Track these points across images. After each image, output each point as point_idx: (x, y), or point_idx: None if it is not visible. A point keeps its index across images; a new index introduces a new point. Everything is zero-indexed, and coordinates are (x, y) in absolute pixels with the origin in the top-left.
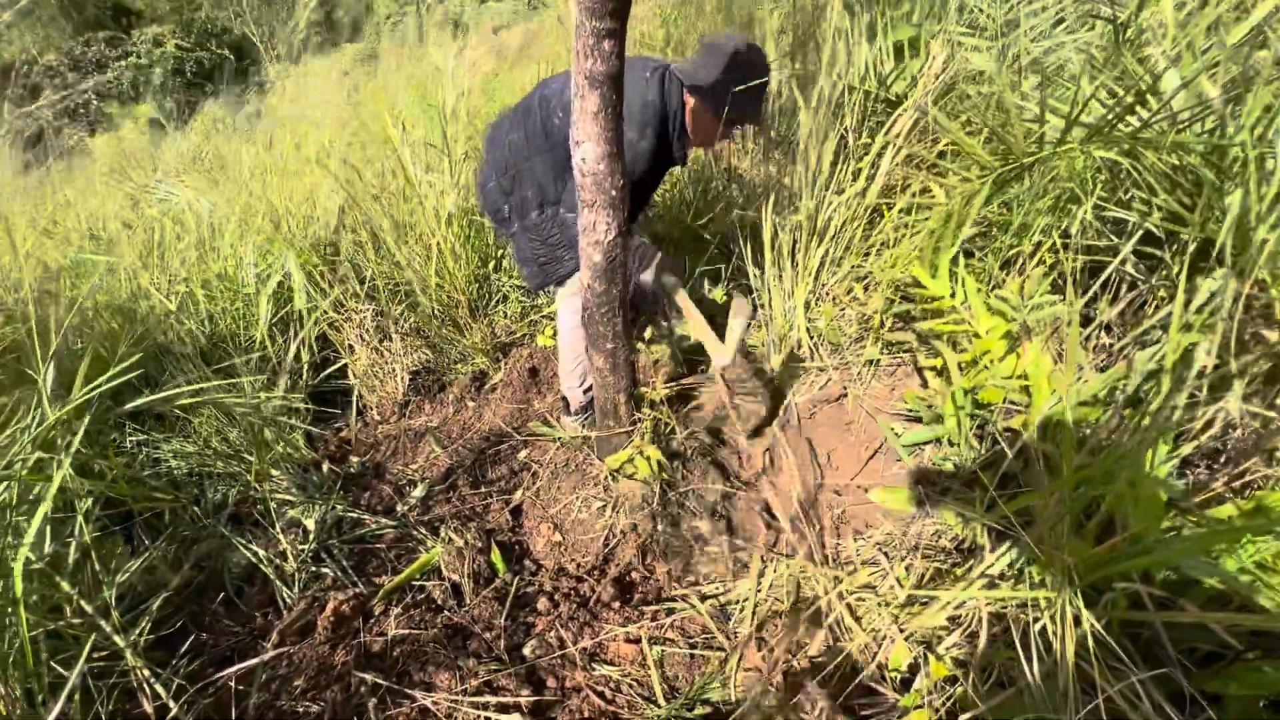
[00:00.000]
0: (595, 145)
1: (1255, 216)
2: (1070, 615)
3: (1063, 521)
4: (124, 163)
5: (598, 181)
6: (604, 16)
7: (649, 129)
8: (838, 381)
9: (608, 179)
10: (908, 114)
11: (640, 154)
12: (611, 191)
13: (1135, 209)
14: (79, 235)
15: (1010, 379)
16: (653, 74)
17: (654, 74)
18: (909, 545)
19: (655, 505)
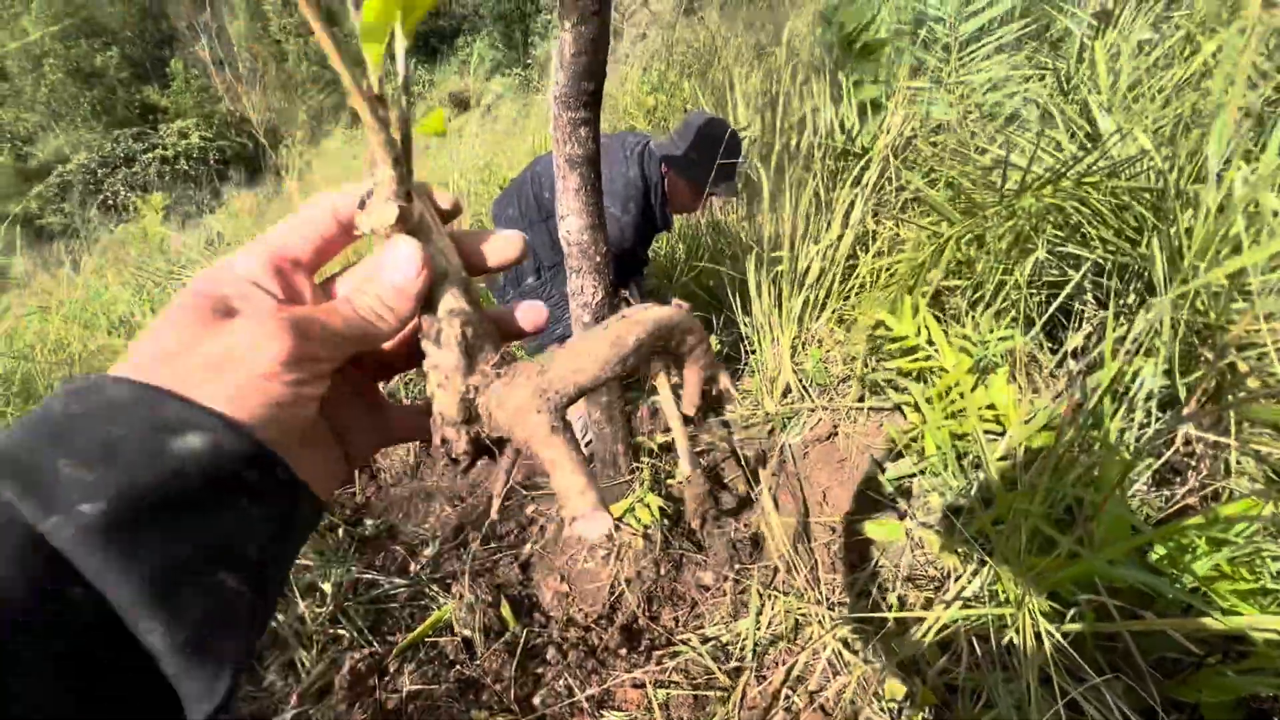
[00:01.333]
0: (578, 218)
1: (1187, 249)
2: (1030, 629)
3: (1016, 538)
4: (150, 250)
5: (583, 250)
6: (578, 108)
7: (632, 203)
8: (828, 421)
9: (591, 247)
10: (874, 166)
11: (626, 226)
12: (596, 258)
13: (1090, 243)
14: (108, 324)
15: (981, 410)
16: (631, 152)
17: (633, 152)
18: (901, 576)
19: (658, 552)
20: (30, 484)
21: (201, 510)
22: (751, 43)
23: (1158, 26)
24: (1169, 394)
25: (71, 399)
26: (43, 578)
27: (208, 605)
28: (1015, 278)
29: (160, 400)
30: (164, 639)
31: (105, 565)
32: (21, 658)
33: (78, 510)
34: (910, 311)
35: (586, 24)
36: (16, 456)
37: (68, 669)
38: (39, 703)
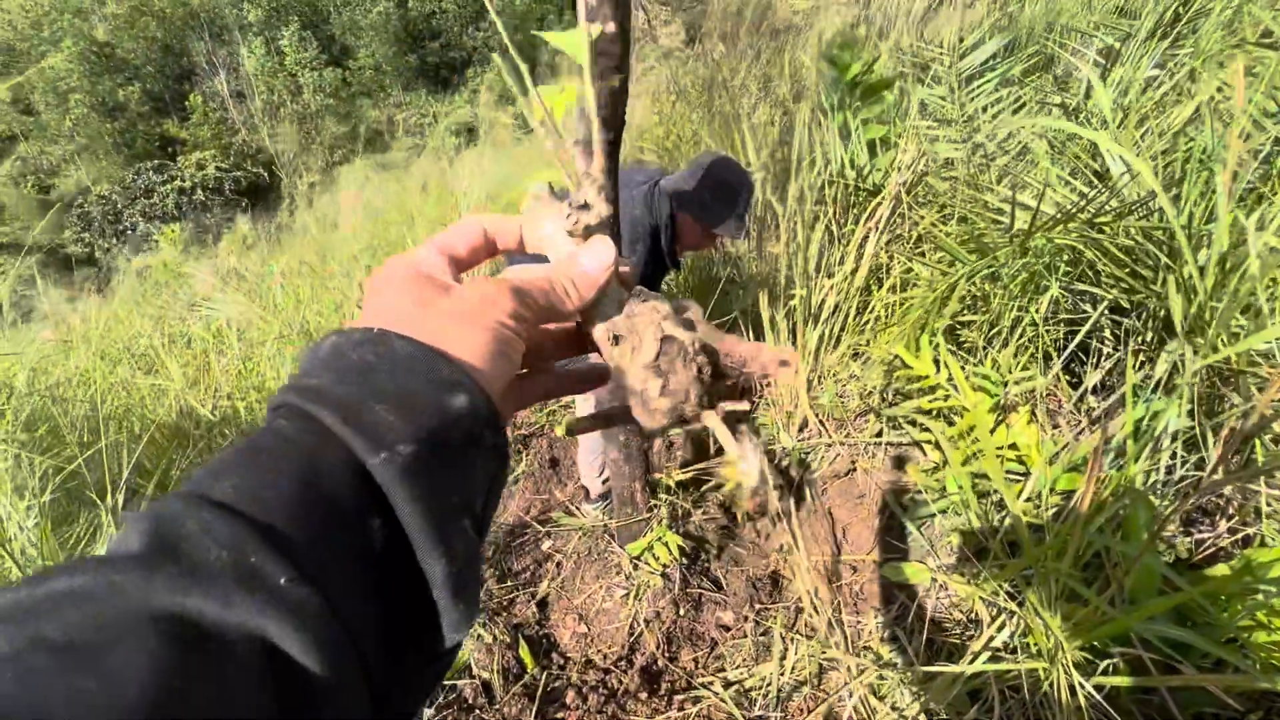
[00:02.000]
0: None
1: (1201, 291)
2: (1064, 683)
3: (1045, 590)
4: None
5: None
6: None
7: (639, 244)
8: (846, 456)
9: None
10: (885, 203)
11: (633, 267)
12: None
13: (1103, 284)
14: (128, 356)
15: (1003, 449)
16: (638, 190)
17: (639, 191)
18: (927, 619)
19: (677, 591)
20: (356, 423)
21: (459, 462)
22: (757, 74)
23: (1162, 64)
24: (1194, 432)
25: (363, 347)
26: (363, 505)
27: (466, 548)
28: (1031, 314)
29: (436, 359)
30: (443, 570)
31: (410, 501)
32: (341, 574)
33: (396, 450)
34: (929, 349)
35: (606, 79)
36: (334, 395)
37: (369, 589)
38: (351, 602)
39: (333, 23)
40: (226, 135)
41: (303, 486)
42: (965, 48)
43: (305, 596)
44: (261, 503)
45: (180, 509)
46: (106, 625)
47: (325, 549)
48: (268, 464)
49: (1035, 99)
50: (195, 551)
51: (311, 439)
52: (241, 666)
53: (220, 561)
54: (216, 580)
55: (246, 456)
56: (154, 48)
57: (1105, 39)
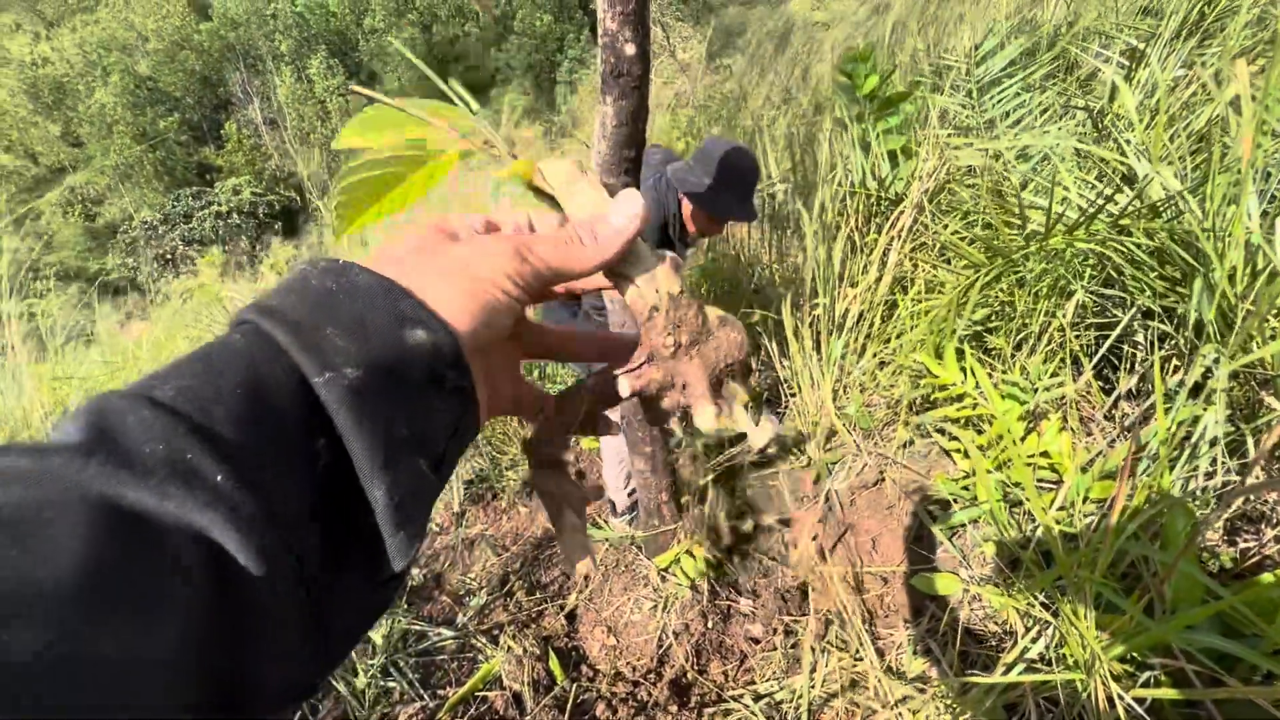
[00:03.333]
0: None
1: (1232, 295)
2: (1103, 695)
3: (1081, 600)
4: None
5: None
6: (619, 174)
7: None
8: (874, 466)
9: None
10: (908, 212)
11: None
12: None
13: (1130, 288)
14: None
15: (1034, 457)
16: (645, 183)
17: (646, 183)
18: (960, 630)
19: (705, 603)
20: (307, 343)
21: (414, 398)
22: (779, 86)
23: (1190, 63)
24: (1237, 438)
25: (326, 276)
26: (305, 421)
27: (413, 480)
28: (1059, 319)
29: (399, 295)
30: (385, 497)
31: (354, 423)
32: (279, 484)
33: (343, 372)
34: (954, 357)
35: (628, 98)
36: (290, 316)
37: (307, 504)
38: (290, 512)
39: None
40: (260, 161)
41: (247, 396)
42: (981, 55)
43: (242, 499)
44: (202, 407)
45: (121, 404)
46: (42, 504)
47: (266, 458)
48: (215, 371)
49: (1059, 103)
50: (132, 445)
51: (261, 353)
52: (176, 556)
53: (155, 455)
54: (152, 473)
55: (194, 363)
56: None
57: (1129, 39)
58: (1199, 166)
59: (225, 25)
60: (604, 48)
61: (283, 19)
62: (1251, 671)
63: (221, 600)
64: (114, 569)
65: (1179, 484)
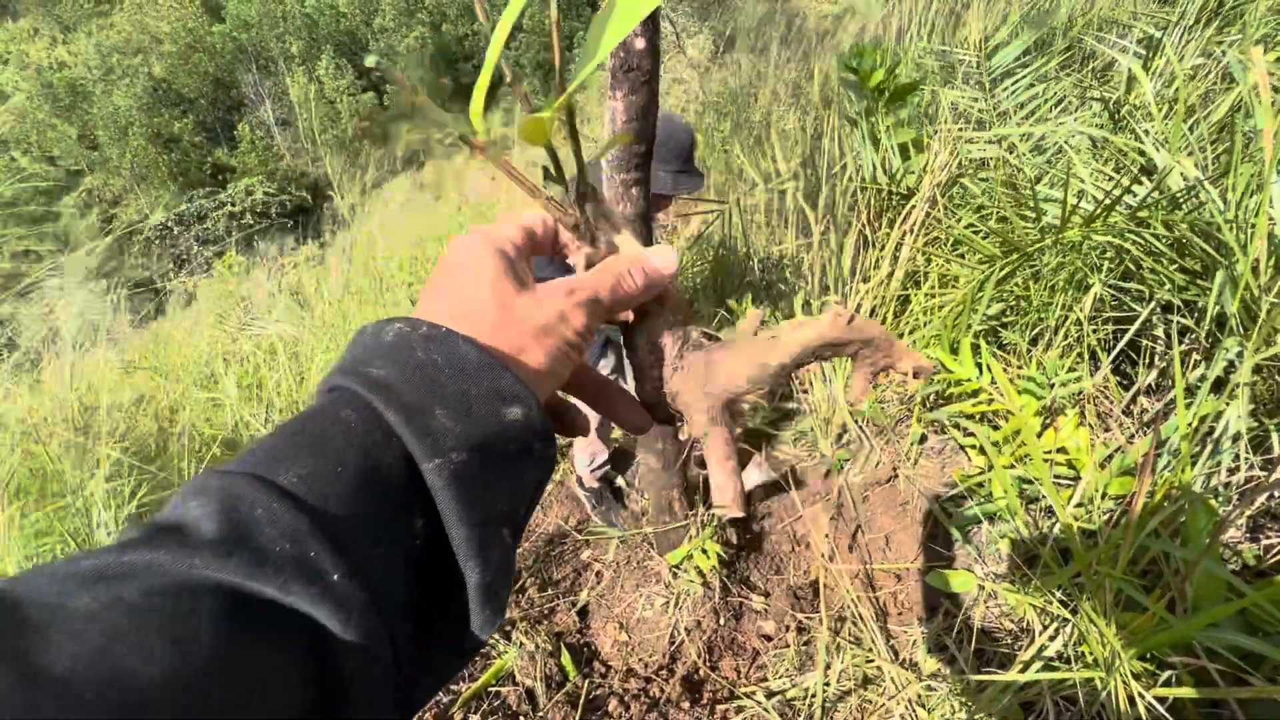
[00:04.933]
0: None
1: (1256, 287)
2: (1123, 693)
3: (1100, 597)
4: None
5: None
6: (630, 170)
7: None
8: (887, 463)
9: None
10: (919, 206)
11: None
12: None
13: (1149, 281)
14: (187, 375)
15: (1051, 453)
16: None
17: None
18: (975, 628)
19: (717, 600)
20: (419, 429)
21: (509, 473)
22: (788, 80)
23: (1209, 52)
24: (1260, 433)
25: (429, 346)
26: (411, 503)
27: (501, 556)
28: (1076, 313)
29: (500, 370)
30: (478, 577)
31: (456, 509)
32: (384, 575)
33: (449, 457)
34: (969, 352)
35: (637, 93)
36: (400, 395)
37: (407, 591)
38: (391, 594)
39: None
40: (272, 161)
41: (361, 482)
42: (992, 47)
43: (353, 592)
44: (324, 496)
45: (249, 493)
46: (181, 595)
47: (374, 544)
48: (333, 455)
49: (1074, 94)
50: (263, 542)
51: (373, 435)
52: (292, 644)
53: (284, 553)
54: (280, 570)
55: (312, 443)
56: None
57: (1145, 28)
58: (1220, 156)
59: (238, 27)
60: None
61: (293, 20)
62: (1276, 670)
63: (325, 680)
64: (239, 656)
65: (1201, 480)
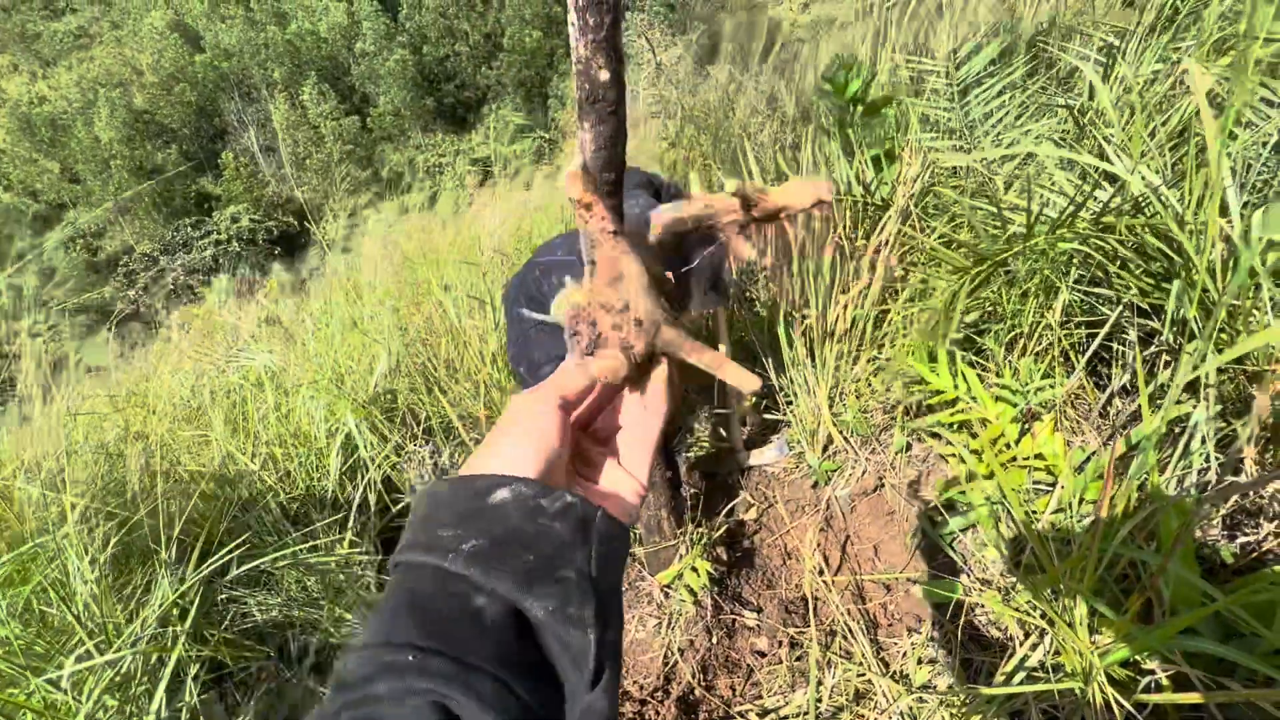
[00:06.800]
0: None
1: (1212, 289)
2: (1100, 704)
3: (1074, 608)
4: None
5: None
6: (602, 198)
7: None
8: (873, 473)
9: None
10: (894, 217)
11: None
12: None
13: (1116, 285)
14: (172, 409)
15: (1029, 460)
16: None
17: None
18: (964, 637)
19: (709, 618)
20: (429, 547)
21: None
22: (764, 94)
23: (1165, 59)
24: (1229, 433)
25: (424, 499)
26: (459, 593)
27: (560, 591)
28: (1048, 318)
29: (471, 480)
30: (540, 608)
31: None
32: (461, 641)
33: (460, 549)
34: (946, 362)
35: (605, 123)
36: (413, 540)
37: (490, 646)
38: (492, 667)
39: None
40: (257, 188)
41: (408, 605)
42: (961, 58)
43: (435, 662)
44: (382, 630)
45: (340, 662)
46: None
47: (438, 632)
48: (384, 608)
49: (1039, 101)
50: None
51: (405, 576)
52: (415, 715)
53: (366, 671)
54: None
55: (376, 612)
56: (189, 111)
57: (1104, 37)
58: (1180, 161)
59: (218, 56)
60: (578, 74)
61: (274, 47)
62: (1255, 672)
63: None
64: None
65: (1173, 482)
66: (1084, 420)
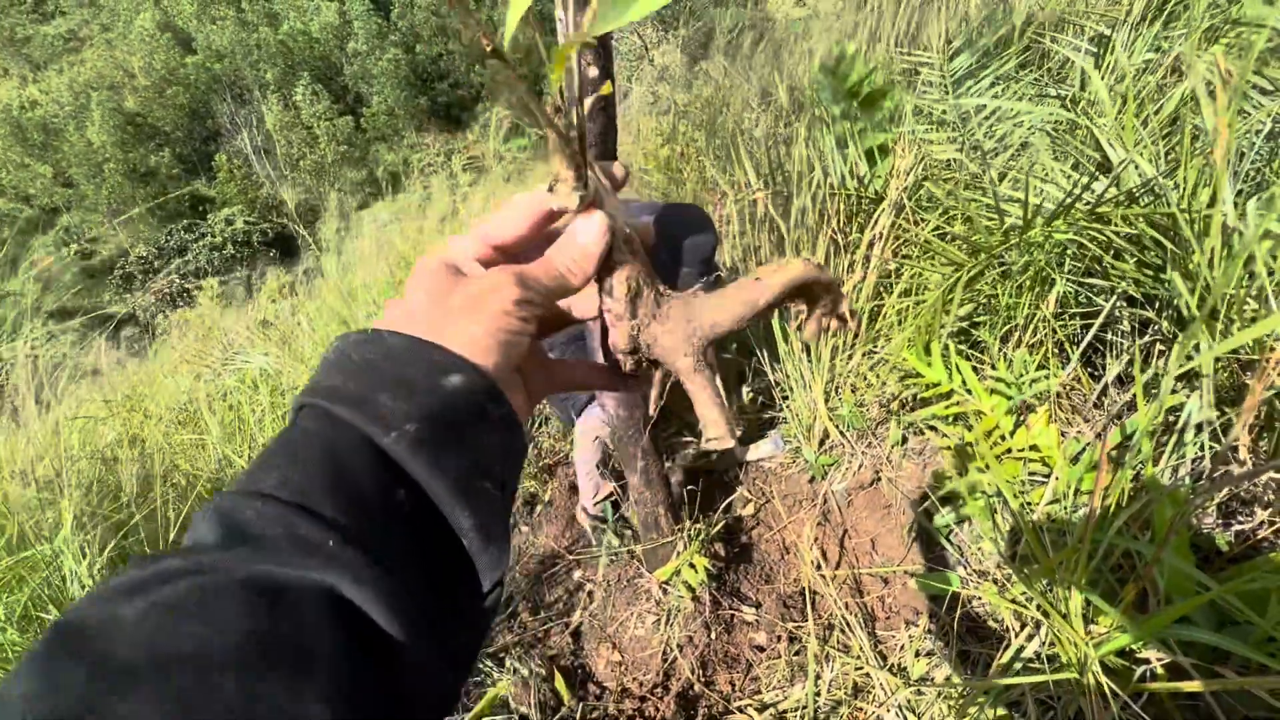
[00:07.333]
0: None
1: (1210, 279)
2: (1095, 694)
3: (1068, 600)
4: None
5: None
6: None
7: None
8: (869, 466)
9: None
10: (887, 211)
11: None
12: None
13: (1111, 276)
14: (169, 413)
15: (1024, 451)
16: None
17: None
18: (962, 629)
19: (708, 614)
20: (369, 414)
21: (468, 434)
22: (757, 88)
23: (1157, 47)
24: (1225, 423)
25: (363, 347)
26: (385, 479)
27: (487, 502)
28: (1043, 310)
29: (429, 349)
30: (469, 520)
31: (427, 468)
32: (379, 537)
33: (404, 429)
34: (940, 356)
35: (594, 120)
36: (349, 391)
37: (406, 546)
38: (394, 559)
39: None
40: (252, 190)
41: (332, 470)
42: (953, 50)
43: (353, 555)
44: (300, 490)
45: (236, 503)
46: (204, 589)
47: (361, 518)
48: (301, 457)
49: (1032, 93)
50: (256, 531)
51: (331, 431)
52: (315, 609)
53: (275, 535)
54: (277, 549)
55: (281, 453)
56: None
57: (1096, 27)
58: (1173, 149)
59: (210, 57)
60: (567, 72)
61: (267, 48)
62: (1247, 660)
63: (359, 633)
64: (269, 633)
65: (1167, 472)
66: (1079, 411)
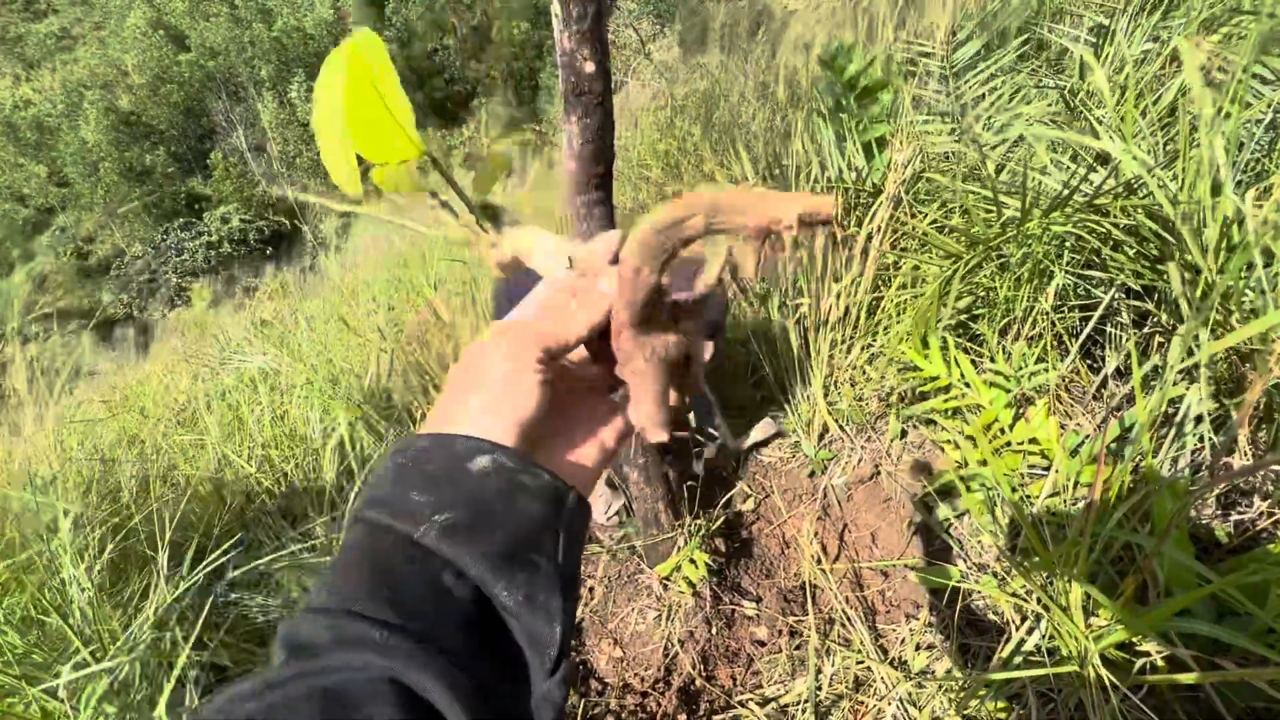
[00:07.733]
0: None
1: (1209, 270)
2: (1096, 687)
3: (1068, 593)
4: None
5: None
6: (592, 190)
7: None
8: (869, 460)
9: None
10: (885, 204)
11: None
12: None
13: (1109, 269)
14: (168, 414)
15: (1023, 445)
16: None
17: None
18: (962, 622)
19: (709, 609)
20: (401, 513)
21: (499, 511)
22: (754, 81)
23: (1156, 37)
24: (1223, 415)
25: (395, 455)
26: (429, 571)
27: (530, 575)
28: (1042, 303)
29: (449, 440)
30: (509, 597)
31: (461, 551)
32: (430, 623)
33: (433, 521)
34: (938, 349)
35: (591, 116)
36: (382, 497)
37: (459, 630)
38: (456, 650)
39: None
40: (248, 188)
41: (371, 572)
42: (956, 42)
43: (400, 641)
44: (346, 596)
45: (290, 625)
46: (289, 703)
47: (404, 610)
48: (343, 566)
49: (1031, 84)
50: (305, 641)
51: (369, 538)
52: (376, 695)
53: (323, 641)
54: (330, 651)
55: (331, 569)
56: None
57: (1095, 17)
58: (1172, 140)
59: (204, 55)
60: (563, 67)
61: (260, 45)
62: (1247, 652)
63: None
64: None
65: (1167, 464)
66: (1078, 404)
